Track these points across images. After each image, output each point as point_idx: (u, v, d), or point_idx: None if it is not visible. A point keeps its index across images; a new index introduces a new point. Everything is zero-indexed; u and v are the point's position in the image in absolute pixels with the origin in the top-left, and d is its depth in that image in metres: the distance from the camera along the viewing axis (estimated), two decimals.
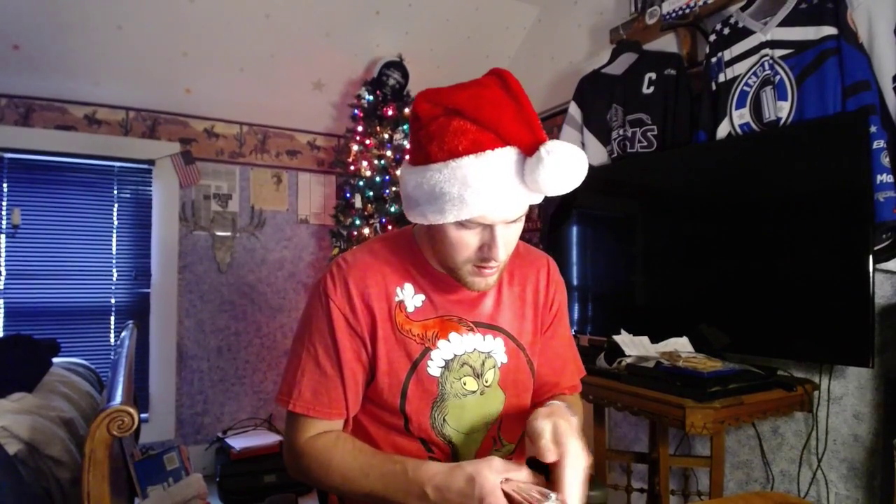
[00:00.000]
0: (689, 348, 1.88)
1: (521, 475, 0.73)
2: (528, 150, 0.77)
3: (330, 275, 0.94)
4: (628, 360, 1.84)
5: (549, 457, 0.75)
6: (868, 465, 1.71)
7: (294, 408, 0.90)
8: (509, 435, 0.99)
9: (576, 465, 0.74)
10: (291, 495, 1.09)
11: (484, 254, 0.84)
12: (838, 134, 1.66)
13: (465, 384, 0.93)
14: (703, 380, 1.57)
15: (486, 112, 0.78)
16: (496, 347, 0.96)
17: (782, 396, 1.67)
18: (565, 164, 0.75)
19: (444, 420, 0.92)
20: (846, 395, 1.76)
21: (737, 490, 2.06)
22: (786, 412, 1.81)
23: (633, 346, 1.92)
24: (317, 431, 0.91)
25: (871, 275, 1.54)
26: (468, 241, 0.84)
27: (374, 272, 0.93)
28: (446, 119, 0.80)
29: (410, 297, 0.94)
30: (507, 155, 0.78)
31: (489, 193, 0.78)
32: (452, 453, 0.94)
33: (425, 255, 0.95)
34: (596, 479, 1.76)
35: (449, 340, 0.93)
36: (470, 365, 0.94)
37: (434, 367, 0.92)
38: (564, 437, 0.75)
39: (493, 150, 0.78)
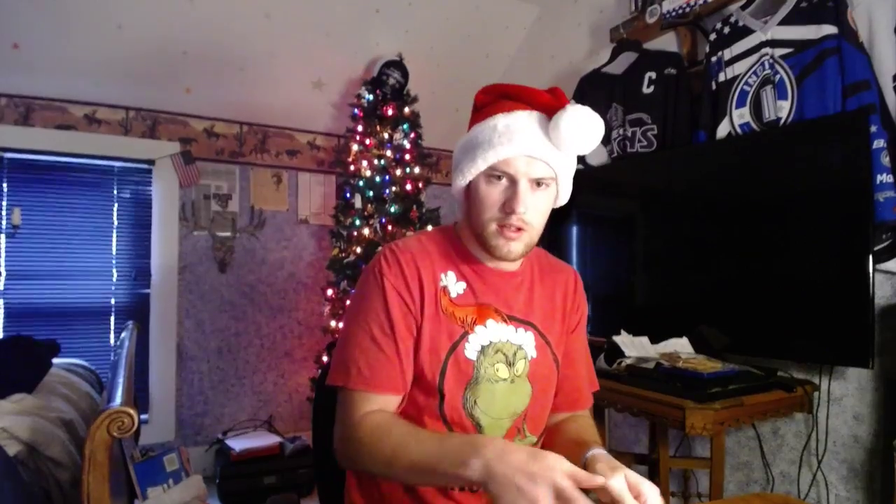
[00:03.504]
0: (689, 349, 1.88)
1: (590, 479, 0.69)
2: (554, 113, 0.91)
3: (384, 257, 0.99)
4: (628, 361, 1.84)
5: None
6: (868, 467, 1.71)
7: (353, 385, 0.91)
8: (533, 427, 1.02)
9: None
10: (293, 495, 1.08)
11: (507, 209, 0.92)
12: (838, 133, 1.65)
13: (497, 370, 0.97)
14: (703, 381, 1.57)
15: (527, 93, 0.95)
16: (527, 341, 1.01)
17: (782, 397, 1.67)
18: (584, 121, 0.89)
19: (475, 402, 0.96)
20: (846, 396, 1.76)
21: (737, 491, 2.06)
22: (786, 413, 1.80)
23: (633, 346, 1.91)
24: (375, 407, 0.92)
25: (871, 275, 1.53)
26: (493, 195, 0.93)
27: (423, 257, 1.00)
28: (494, 101, 0.98)
29: (453, 283, 1.00)
30: (535, 115, 0.93)
31: (514, 137, 0.91)
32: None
33: (466, 244, 1.02)
34: None
35: (486, 326, 0.98)
36: (503, 353, 0.98)
37: (471, 350, 0.96)
38: (640, 484, 0.74)
39: (522, 110, 0.94)
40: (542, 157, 0.92)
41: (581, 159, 2.50)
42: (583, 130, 0.89)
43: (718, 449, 1.86)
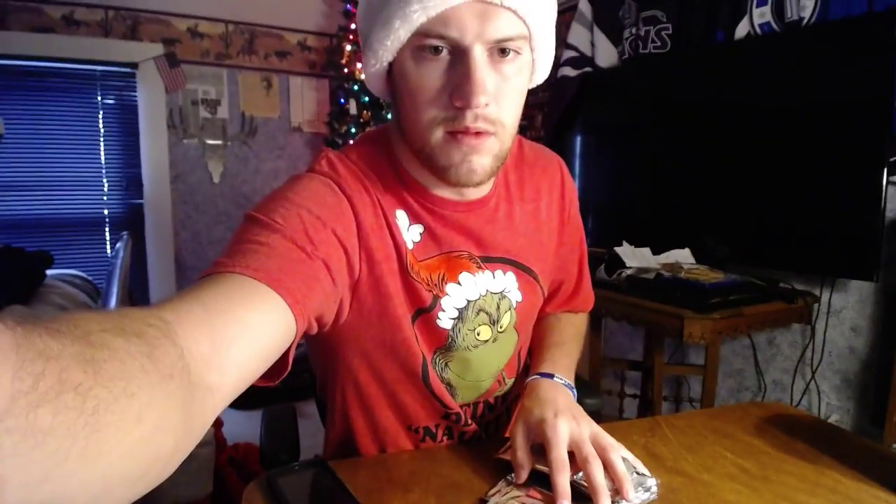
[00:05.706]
0: (691, 259, 1.86)
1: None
2: None
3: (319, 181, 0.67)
4: (629, 272, 1.82)
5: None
6: (862, 378, 1.73)
7: (217, 266, 0.53)
8: (510, 371, 0.84)
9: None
10: (290, 405, 1.05)
11: (456, 100, 0.59)
12: (862, 36, 1.54)
13: (479, 334, 0.75)
14: (704, 291, 1.56)
15: None
16: (509, 284, 0.77)
17: (782, 308, 1.67)
18: None
19: (445, 364, 0.76)
20: (846, 308, 1.76)
21: (728, 398, 2.11)
22: (784, 324, 1.81)
23: (635, 257, 1.89)
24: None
25: (884, 187, 1.48)
26: (431, 81, 0.60)
27: (364, 194, 0.68)
28: None
29: (406, 228, 0.70)
30: None
31: None
32: (451, 395, 0.77)
33: (407, 166, 0.71)
34: (592, 386, 1.79)
35: (459, 283, 0.73)
36: (486, 311, 0.75)
37: (445, 318, 0.72)
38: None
39: None
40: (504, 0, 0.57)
41: (590, 61, 2.36)
42: None
43: (713, 357, 1.88)
